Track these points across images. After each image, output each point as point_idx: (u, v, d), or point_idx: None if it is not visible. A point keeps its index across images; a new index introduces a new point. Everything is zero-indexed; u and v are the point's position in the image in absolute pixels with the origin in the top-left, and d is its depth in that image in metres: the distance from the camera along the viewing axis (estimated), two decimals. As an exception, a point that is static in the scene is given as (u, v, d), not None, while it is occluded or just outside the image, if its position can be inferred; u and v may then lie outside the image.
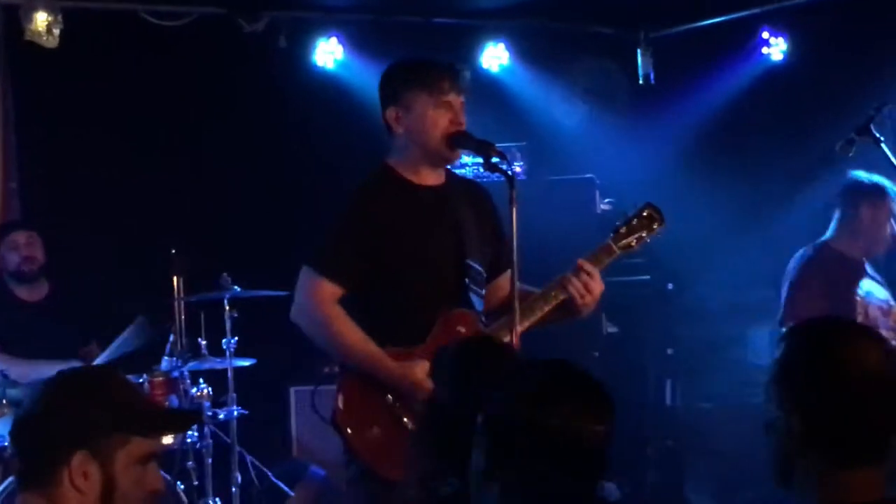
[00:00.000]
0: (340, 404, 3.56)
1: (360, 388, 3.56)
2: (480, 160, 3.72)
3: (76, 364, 5.17)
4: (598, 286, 3.57)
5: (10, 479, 4.61)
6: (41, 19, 5.56)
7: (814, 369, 1.96)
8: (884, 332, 4.56)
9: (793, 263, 5.01)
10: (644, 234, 3.75)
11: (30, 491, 2.27)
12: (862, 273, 4.96)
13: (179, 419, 3.13)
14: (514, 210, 3.34)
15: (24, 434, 2.25)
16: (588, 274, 3.53)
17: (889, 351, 1.97)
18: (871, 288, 4.95)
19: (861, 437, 1.93)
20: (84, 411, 2.15)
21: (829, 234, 4.94)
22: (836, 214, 4.93)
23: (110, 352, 5.42)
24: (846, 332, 2.06)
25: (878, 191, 4.86)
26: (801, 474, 1.99)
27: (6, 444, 4.68)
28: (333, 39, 6.36)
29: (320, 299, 3.54)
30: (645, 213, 3.74)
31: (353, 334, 3.51)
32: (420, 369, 3.38)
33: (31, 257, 5.49)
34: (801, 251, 5.04)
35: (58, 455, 2.14)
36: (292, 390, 6.06)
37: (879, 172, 4.79)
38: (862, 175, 4.85)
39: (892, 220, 4.89)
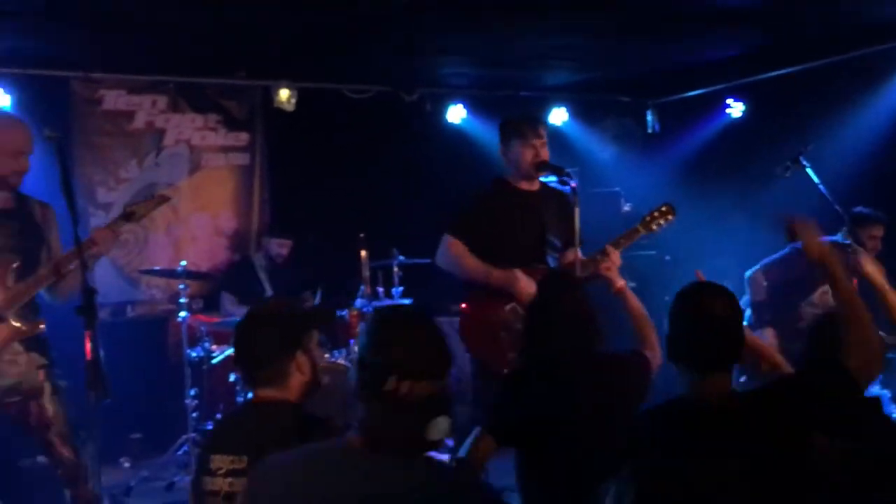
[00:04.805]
0: (462, 326, 4.48)
1: (474, 314, 4.40)
2: (555, 178, 4.44)
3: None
4: (616, 261, 4.28)
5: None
6: (284, 94, 7.13)
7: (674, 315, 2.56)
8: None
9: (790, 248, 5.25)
10: (662, 222, 4.49)
11: (266, 386, 2.63)
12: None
13: (326, 312, 4.04)
14: (577, 209, 4.22)
15: (267, 346, 2.63)
16: (608, 255, 4.29)
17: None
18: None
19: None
20: (297, 328, 2.70)
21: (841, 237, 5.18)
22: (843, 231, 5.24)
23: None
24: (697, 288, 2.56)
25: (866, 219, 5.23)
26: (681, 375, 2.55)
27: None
28: (460, 105, 7.93)
29: (450, 246, 4.42)
30: (664, 208, 4.51)
31: (472, 260, 4.37)
32: (520, 273, 4.21)
33: (281, 254, 6.80)
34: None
35: (288, 357, 2.64)
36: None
37: (804, 189, 5.31)
38: (861, 209, 5.24)
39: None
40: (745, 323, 5.18)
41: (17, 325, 3.92)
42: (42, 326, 4.00)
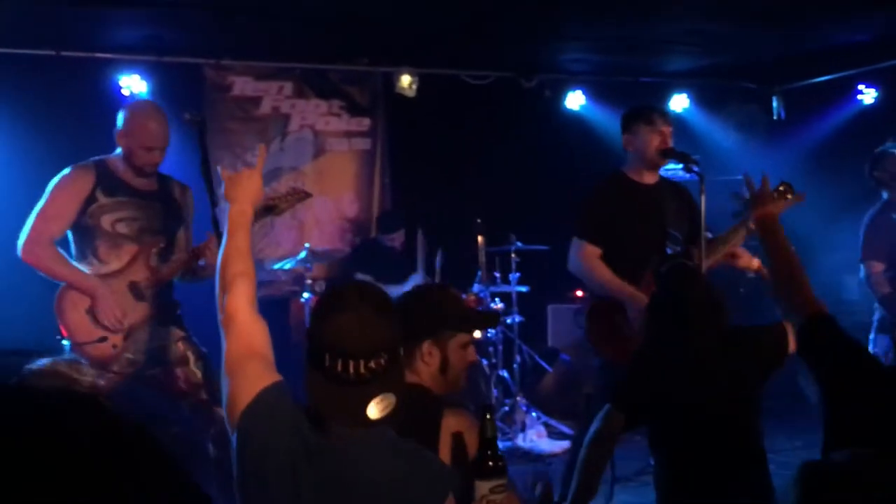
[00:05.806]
0: (591, 324, 4.42)
1: (602, 315, 4.36)
2: (681, 166, 4.37)
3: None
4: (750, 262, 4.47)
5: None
6: (406, 80, 7.28)
7: None
8: None
9: (865, 218, 5.59)
10: (782, 203, 3.97)
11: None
12: None
13: (488, 319, 3.81)
14: (703, 196, 4.22)
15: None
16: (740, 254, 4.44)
17: None
18: None
19: None
20: (432, 314, 2.66)
21: (884, 196, 5.54)
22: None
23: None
24: None
25: None
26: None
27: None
28: (579, 92, 7.93)
29: (584, 255, 4.37)
30: (782, 188, 4.29)
31: (605, 272, 4.32)
32: (642, 295, 4.11)
33: (395, 247, 6.94)
34: (871, 209, 5.56)
35: (415, 342, 2.61)
36: (549, 306, 7.56)
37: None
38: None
39: None
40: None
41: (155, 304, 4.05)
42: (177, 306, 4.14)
